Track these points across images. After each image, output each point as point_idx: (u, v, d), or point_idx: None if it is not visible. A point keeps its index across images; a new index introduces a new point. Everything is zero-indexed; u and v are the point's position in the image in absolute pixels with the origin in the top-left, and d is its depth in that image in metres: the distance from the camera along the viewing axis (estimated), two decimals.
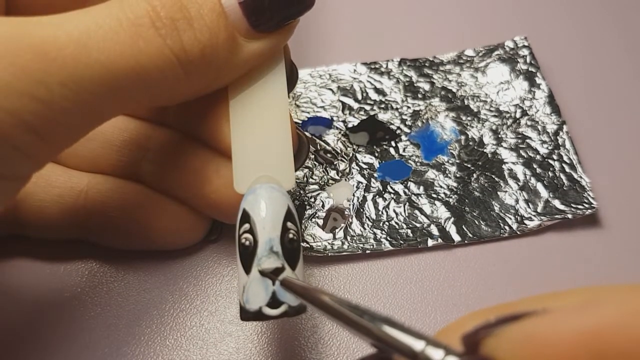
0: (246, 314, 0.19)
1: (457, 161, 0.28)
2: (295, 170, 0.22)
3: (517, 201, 0.26)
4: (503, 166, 0.27)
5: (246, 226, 0.20)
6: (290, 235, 0.20)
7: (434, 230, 0.26)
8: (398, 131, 0.29)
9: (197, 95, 0.22)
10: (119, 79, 0.19)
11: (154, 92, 0.20)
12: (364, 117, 0.29)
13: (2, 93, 0.17)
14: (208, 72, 0.21)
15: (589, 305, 0.13)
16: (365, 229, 0.26)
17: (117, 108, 0.20)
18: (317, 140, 0.29)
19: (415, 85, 0.30)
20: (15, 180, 0.19)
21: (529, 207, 0.26)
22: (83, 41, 0.18)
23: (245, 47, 0.21)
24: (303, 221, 0.26)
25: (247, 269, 0.19)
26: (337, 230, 0.26)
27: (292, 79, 0.24)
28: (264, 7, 0.21)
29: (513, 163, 0.27)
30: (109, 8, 0.19)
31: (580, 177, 0.27)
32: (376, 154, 0.28)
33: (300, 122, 0.29)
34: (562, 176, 0.27)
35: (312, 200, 0.27)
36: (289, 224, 0.20)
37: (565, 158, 0.27)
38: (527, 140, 0.28)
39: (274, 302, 0.19)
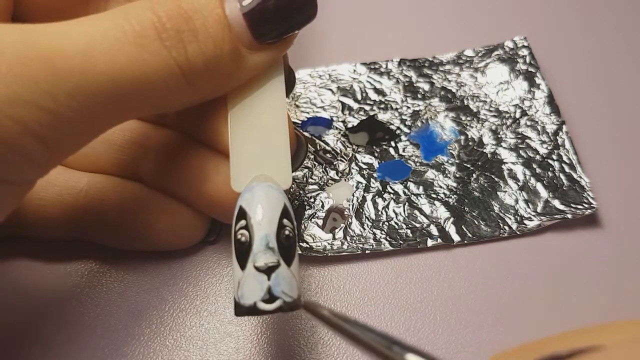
0: (240, 309, 0.19)
1: (457, 161, 0.28)
2: (293, 172, 0.22)
3: (516, 201, 0.26)
4: (503, 166, 0.27)
5: (242, 222, 0.20)
6: (287, 232, 0.20)
7: (434, 230, 0.26)
8: (398, 131, 0.29)
9: (198, 102, 0.22)
10: (124, 89, 0.19)
11: (156, 101, 0.20)
12: (364, 118, 0.29)
13: (10, 102, 0.17)
14: (210, 82, 0.21)
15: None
16: (364, 229, 0.26)
17: (121, 116, 0.21)
18: (317, 141, 0.29)
19: (414, 85, 0.30)
20: (20, 185, 0.20)
21: (529, 207, 0.26)
22: (89, 52, 0.18)
23: (248, 59, 0.21)
24: (303, 221, 0.26)
25: (243, 265, 0.20)
26: (336, 231, 0.26)
27: (289, 84, 0.24)
28: (267, 19, 0.21)
29: (513, 163, 0.27)
30: (114, 18, 0.19)
31: (580, 177, 0.27)
32: (376, 154, 0.28)
33: (299, 122, 0.29)
34: (561, 176, 0.27)
35: (312, 200, 0.27)
36: (285, 221, 0.20)
37: (564, 158, 0.27)
38: (527, 140, 0.28)
39: (269, 297, 0.19)
